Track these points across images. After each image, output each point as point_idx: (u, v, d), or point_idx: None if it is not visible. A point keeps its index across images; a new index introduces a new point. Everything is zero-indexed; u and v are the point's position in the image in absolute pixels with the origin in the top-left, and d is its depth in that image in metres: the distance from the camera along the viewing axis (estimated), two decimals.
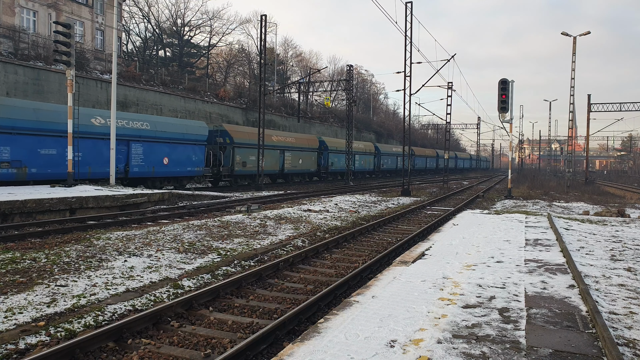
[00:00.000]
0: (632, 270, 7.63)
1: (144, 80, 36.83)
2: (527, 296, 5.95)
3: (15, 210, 13.52)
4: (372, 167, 50.94)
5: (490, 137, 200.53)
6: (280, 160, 34.93)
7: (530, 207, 21.74)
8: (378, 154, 52.15)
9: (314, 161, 39.58)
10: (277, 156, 34.35)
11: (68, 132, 19.01)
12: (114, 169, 21.19)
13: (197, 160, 26.79)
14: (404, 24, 27.46)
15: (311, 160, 39.15)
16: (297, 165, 37.19)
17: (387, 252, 10.40)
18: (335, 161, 42.61)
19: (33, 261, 8.29)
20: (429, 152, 70.85)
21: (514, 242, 10.08)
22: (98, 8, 39.78)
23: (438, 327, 4.76)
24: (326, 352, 4.09)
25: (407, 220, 17.06)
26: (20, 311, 6.04)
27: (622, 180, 62.99)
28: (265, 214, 15.58)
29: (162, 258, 9.15)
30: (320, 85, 40.63)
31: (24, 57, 28.29)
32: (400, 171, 57.77)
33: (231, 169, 29.65)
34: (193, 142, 26.43)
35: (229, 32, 68.40)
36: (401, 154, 54.82)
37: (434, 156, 71.59)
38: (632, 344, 4.45)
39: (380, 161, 52.81)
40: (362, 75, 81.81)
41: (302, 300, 7.18)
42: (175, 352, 5.22)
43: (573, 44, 36.56)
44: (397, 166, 58.21)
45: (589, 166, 56.78)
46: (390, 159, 56.72)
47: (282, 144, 35.24)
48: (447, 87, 39.12)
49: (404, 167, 32.52)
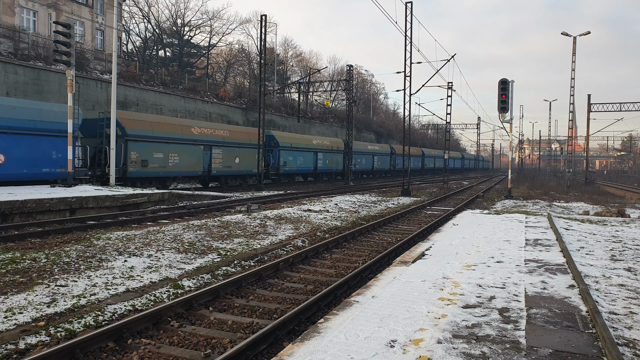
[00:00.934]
0: (632, 270, 7.63)
1: (144, 80, 36.83)
2: (527, 296, 5.95)
3: (15, 210, 13.52)
4: (340, 168, 42.68)
5: (490, 137, 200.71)
6: (205, 159, 27.32)
7: (530, 207, 21.74)
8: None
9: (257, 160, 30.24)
10: (199, 153, 26.75)
11: (68, 132, 19.02)
12: (114, 169, 21.19)
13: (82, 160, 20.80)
14: (404, 24, 27.47)
15: (254, 159, 30.87)
16: (232, 165, 29.59)
17: (387, 252, 10.40)
18: (290, 160, 35.65)
19: (33, 261, 8.29)
20: (434, 152, 70.01)
21: (514, 242, 10.08)
22: (98, 8, 39.79)
23: (438, 327, 4.76)
24: (326, 352, 4.09)
25: (407, 220, 17.06)
26: (20, 311, 6.04)
27: (622, 180, 63.04)
28: (265, 214, 15.58)
29: (162, 258, 9.15)
30: (320, 85, 40.65)
31: (24, 57, 28.29)
32: (377, 172, 53.70)
33: (123, 169, 22.35)
34: (55, 134, 19.65)
35: (229, 32, 68.42)
36: (378, 152, 52.34)
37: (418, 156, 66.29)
38: (632, 344, 4.45)
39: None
40: (362, 75, 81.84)
41: (302, 300, 7.18)
42: (175, 352, 5.22)
43: (573, 44, 36.58)
44: (374, 166, 50.83)
45: (589, 166, 56.77)
46: (365, 158, 48.91)
47: (209, 138, 27.55)
48: (447, 87, 39.13)
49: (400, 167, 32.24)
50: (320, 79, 50.83)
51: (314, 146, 38.81)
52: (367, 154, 49.15)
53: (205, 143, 27.27)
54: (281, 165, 34.50)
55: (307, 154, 37.92)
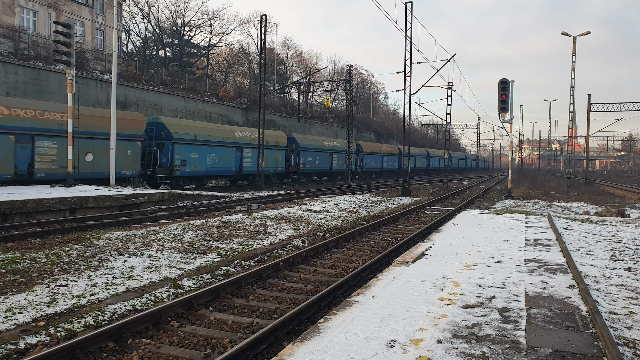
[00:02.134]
0: (632, 270, 7.62)
1: (144, 80, 36.82)
2: (527, 296, 5.95)
3: (15, 210, 13.52)
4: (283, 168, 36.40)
5: (490, 137, 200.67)
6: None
7: (530, 207, 21.73)
8: (296, 148, 36.93)
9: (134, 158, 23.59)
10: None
11: (68, 132, 19.01)
12: (114, 169, 21.19)
13: None
14: (404, 24, 27.47)
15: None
16: None
17: (387, 252, 10.40)
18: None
19: (33, 261, 8.29)
20: (439, 152, 70.06)
21: (514, 242, 10.07)
22: (98, 8, 39.78)
23: (438, 327, 4.76)
24: (326, 352, 4.09)
25: (407, 220, 17.06)
26: (20, 311, 6.04)
27: (622, 180, 63.03)
28: (265, 214, 15.58)
29: (162, 258, 9.15)
30: (320, 85, 40.64)
31: (24, 57, 28.29)
32: (386, 172, 54.00)
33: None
34: None
35: (229, 32, 68.38)
36: (388, 153, 53.19)
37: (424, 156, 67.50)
38: (632, 344, 4.45)
39: (300, 159, 36.98)
40: (362, 75, 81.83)
41: (302, 300, 7.18)
42: (175, 352, 5.22)
43: (573, 44, 36.57)
44: (383, 166, 51.02)
45: (589, 166, 56.77)
46: (375, 159, 49.67)
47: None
48: (447, 87, 39.11)
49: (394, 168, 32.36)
50: (320, 79, 50.83)
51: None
52: (377, 154, 51.03)
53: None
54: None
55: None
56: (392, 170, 55.20)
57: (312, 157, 38.60)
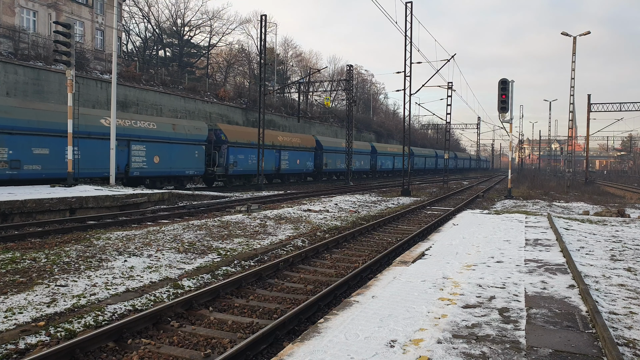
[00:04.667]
0: (632, 270, 7.63)
1: (144, 80, 36.81)
2: (527, 296, 5.95)
3: (15, 210, 13.52)
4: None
5: (490, 137, 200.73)
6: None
7: (530, 207, 21.73)
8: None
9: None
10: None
11: (68, 132, 19.01)
12: (114, 169, 21.19)
13: None
14: (404, 24, 27.47)
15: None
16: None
17: (387, 252, 10.40)
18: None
19: (33, 261, 8.29)
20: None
21: (514, 242, 10.07)
22: (98, 8, 39.78)
23: (438, 327, 4.76)
24: (326, 352, 4.09)
25: (407, 220, 17.05)
26: (20, 311, 6.04)
27: (622, 180, 63.04)
28: (265, 214, 15.58)
29: (162, 258, 9.14)
30: (320, 85, 40.60)
31: (24, 57, 28.28)
32: (397, 171, 56.36)
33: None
34: None
35: (229, 32, 68.49)
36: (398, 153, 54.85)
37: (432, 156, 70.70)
38: (632, 344, 4.45)
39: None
40: (362, 75, 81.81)
41: (302, 300, 7.18)
42: (175, 352, 5.22)
43: (573, 44, 36.57)
44: (394, 166, 54.72)
45: (589, 166, 56.76)
46: (387, 159, 53.13)
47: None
48: (447, 87, 39.13)
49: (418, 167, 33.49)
50: (320, 79, 50.80)
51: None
52: (389, 155, 54.73)
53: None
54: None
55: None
56: (400, 170, 56.76)
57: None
